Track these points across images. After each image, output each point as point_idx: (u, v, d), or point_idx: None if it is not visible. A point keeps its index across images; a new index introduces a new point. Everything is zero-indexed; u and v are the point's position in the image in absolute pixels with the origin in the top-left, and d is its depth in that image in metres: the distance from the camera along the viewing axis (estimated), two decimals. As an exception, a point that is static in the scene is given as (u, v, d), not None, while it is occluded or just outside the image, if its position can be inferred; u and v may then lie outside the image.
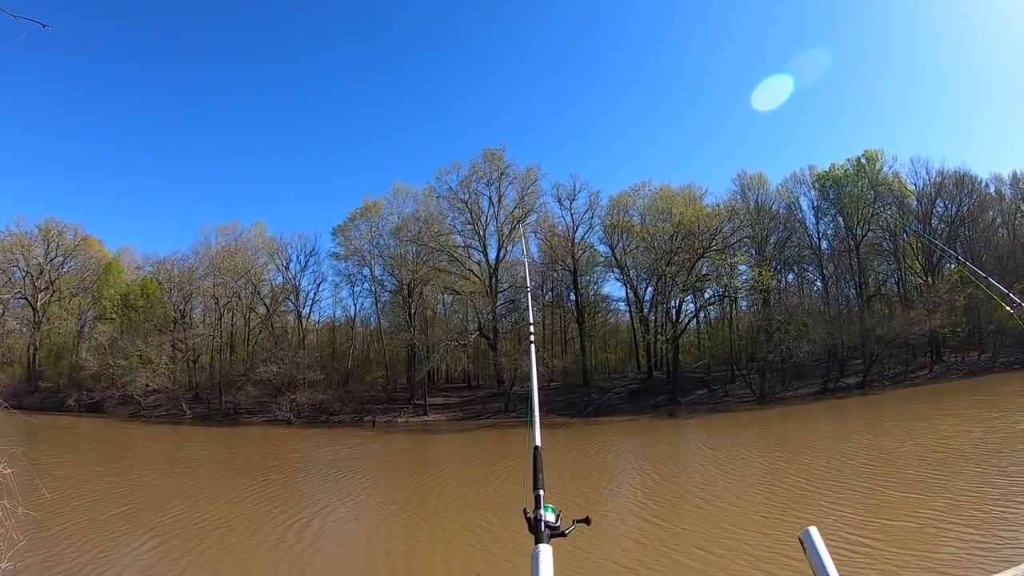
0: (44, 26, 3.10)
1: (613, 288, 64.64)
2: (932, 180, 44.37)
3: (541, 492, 1.66)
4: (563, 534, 1.50)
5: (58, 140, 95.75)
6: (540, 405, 2.08)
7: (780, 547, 9.65)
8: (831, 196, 46.16)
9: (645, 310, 43.76)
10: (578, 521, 1.61)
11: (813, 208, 46.74)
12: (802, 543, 1.30)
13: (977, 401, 26.39)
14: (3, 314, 50.67)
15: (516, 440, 27.87)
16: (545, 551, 1.32)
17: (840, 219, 45.99)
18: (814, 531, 1.30)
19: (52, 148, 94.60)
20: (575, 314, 42.42)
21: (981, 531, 9.72)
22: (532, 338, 3.07)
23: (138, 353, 43.86)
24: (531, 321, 3.66)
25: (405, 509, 15.25)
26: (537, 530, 1.46)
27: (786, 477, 15.73)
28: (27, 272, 49.89)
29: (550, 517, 1.51)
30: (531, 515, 1.55)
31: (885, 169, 46.78)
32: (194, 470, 22.18)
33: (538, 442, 1.91)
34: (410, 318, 41.04)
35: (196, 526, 13.15)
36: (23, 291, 50.01)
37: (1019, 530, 9.81)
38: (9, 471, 7.15)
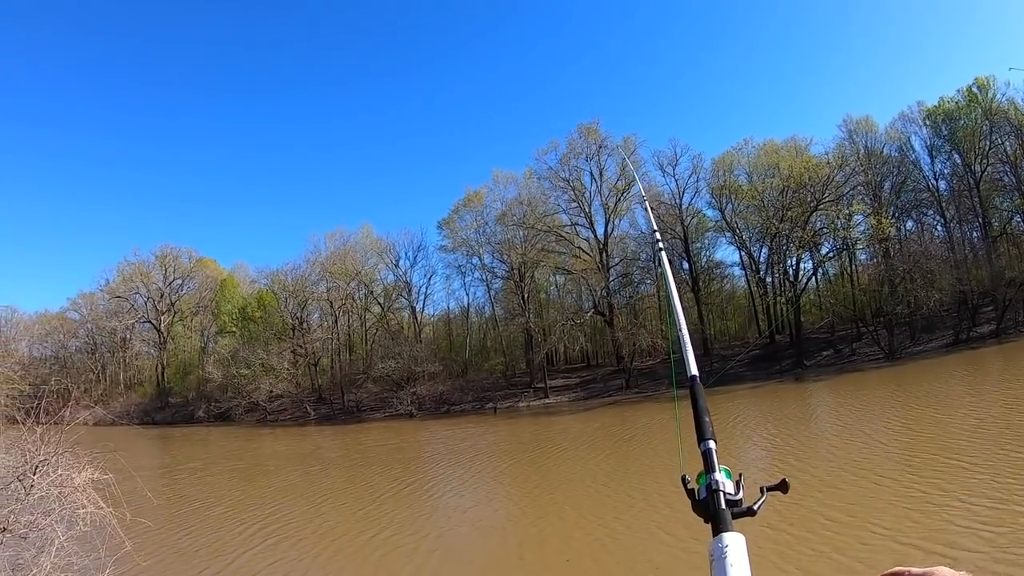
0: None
1: (726, 253, 62.99)
2: (1052, 102, 41.13)
3: (711, 444, 1.07)
4: (752, 512, 0.94)
5: (165, 173, 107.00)
6: (684, 348, 1.47)
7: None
8: (944, 132, 43.41)
9: (761, 272, 42.42)
10: (770, 489, 1.03)
11: (926, 147, 44.06)
12: None
13: None
14: (129, 339, 54.09)
15: (641, 415, 27.32)
16: (735, 543, 0.80)
17: (956, 156, 43.23)
18: None
19: (161, 180, 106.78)
20: (689, 283, 41.41)
21: None
22: (661, 244, 2.41)
23: (260, 362, 45.84)
24: (656, 228, 3.03)
25: (539, 492, 14.76)
26: (714, 507, 0.91)
27: (937, 440, 13.72)
28: (148, 297, 53.15)
29: (729, 486, 0.96)
30: (695, 485, 0.97)
31: (999, 97, 43.66)
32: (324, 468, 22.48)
33: (694, 370, 1.33)
34: (523, 302, 41.08)
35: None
36: (146, 315, 53.21)
37: None
38: (108, 476, 7.27)
